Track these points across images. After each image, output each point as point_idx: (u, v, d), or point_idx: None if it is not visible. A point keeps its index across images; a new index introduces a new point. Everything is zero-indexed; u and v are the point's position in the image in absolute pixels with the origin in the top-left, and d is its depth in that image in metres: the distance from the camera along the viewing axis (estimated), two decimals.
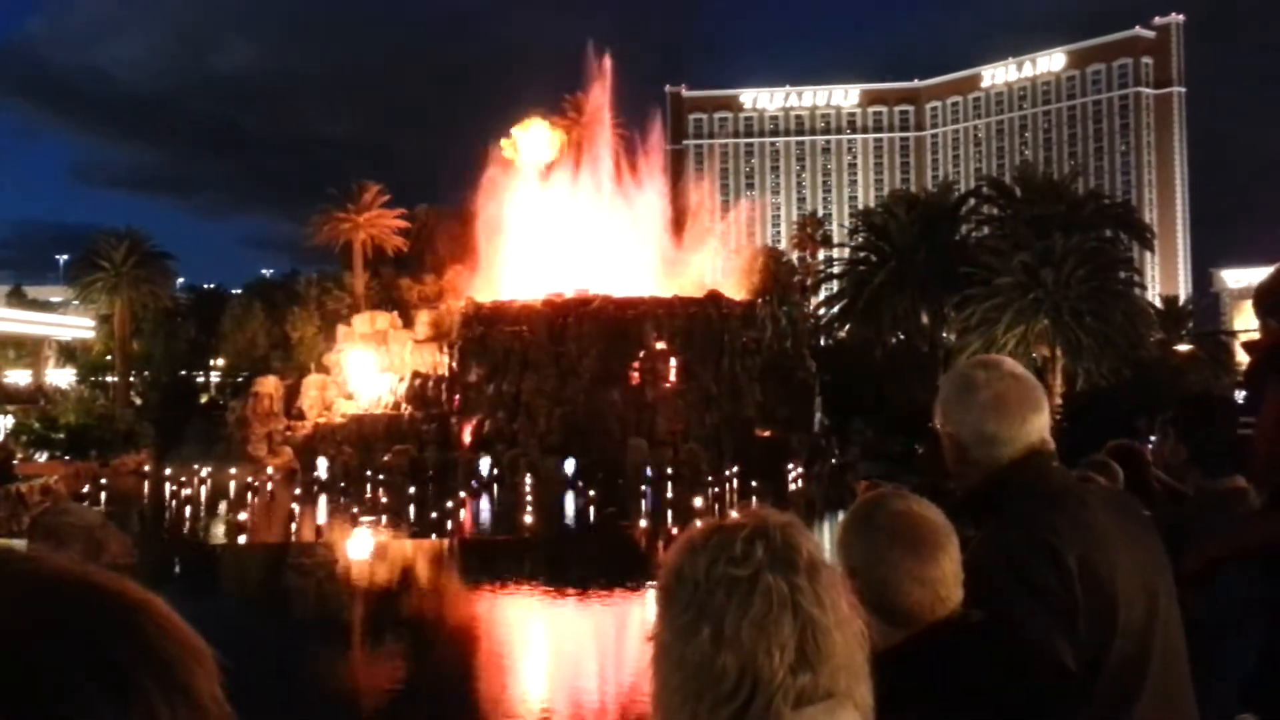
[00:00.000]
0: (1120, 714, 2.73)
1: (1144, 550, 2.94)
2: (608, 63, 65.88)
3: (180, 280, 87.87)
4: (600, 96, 65.34)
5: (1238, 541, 3.60)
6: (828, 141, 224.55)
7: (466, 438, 47.35)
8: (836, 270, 75.89)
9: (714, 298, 54.50)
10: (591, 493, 37.35)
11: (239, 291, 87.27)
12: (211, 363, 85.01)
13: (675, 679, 1.61)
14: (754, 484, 38.53)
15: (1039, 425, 2.92)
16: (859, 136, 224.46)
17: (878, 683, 1.66)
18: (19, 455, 50.96)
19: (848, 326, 69.49)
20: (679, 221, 62.63)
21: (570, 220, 57.66)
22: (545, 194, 59.25)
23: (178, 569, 22.87)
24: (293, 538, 31.20)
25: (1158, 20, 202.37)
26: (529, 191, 59.35)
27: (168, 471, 44.89)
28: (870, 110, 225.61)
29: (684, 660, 1.60)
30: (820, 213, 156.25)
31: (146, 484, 40.68)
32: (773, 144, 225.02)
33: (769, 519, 1.68)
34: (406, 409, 52.39)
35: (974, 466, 2.92)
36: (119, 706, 0.73)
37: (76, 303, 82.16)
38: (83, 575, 0.81)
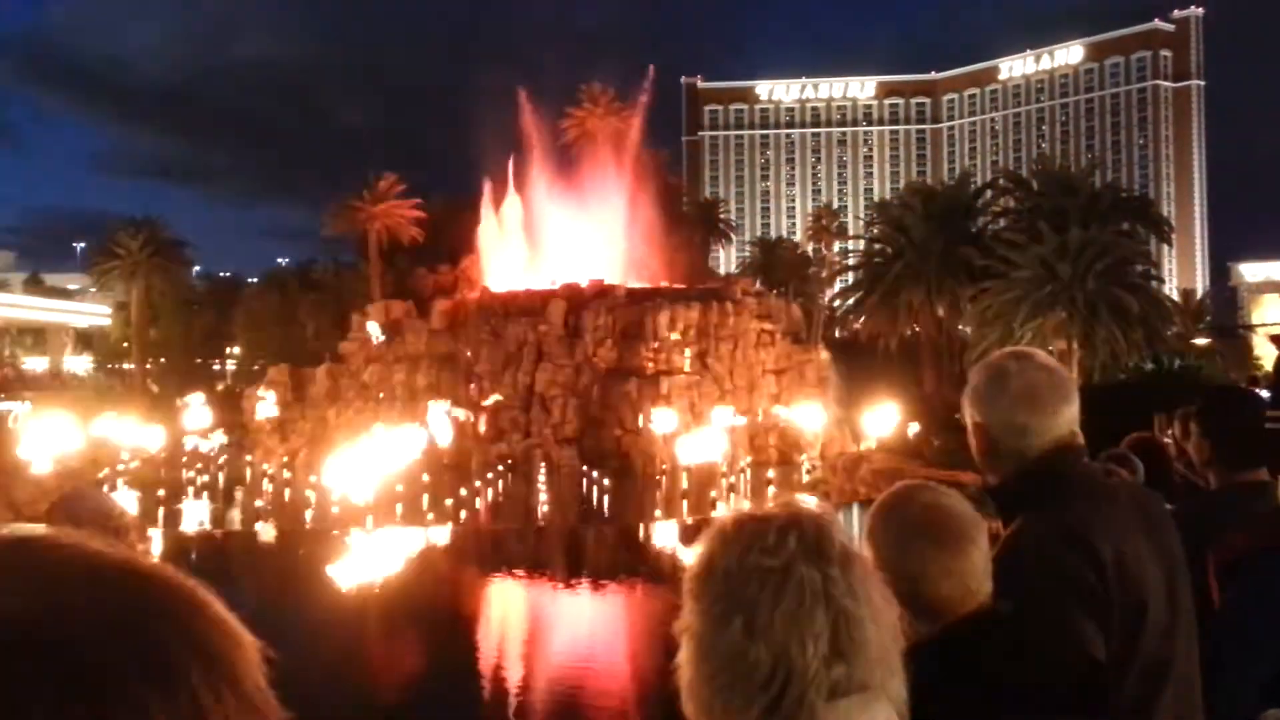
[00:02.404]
0: (1146, 708, 2.72)
1: (1165, 546, 2.92)
2: (623, 55, 65.77)
3: (197, 269, 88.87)
4: (615, 87, 65.34)
5: (1266, 535, 3.58)
6: (844, 133, 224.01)
7: (481, 428, 47.37)
8: (852, 262, 75.70)
9: (729, 288, 54.39)
10: (606, 482, 37.36)
11: (255, 280, 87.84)
12: (227, 350, 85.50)
13: (707, 670, 1.59)
14: (768, 475, 38.45)
15: (1069, 417, 2.89)
16: (875, 128, 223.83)
17: (908, 676, 1.65)
18: None
19: (863, 318, 69.36)
20: (694, 212, 62.51)
21: (584, 210, 57.60)
22: (560, 183, 59.19)
23: (194, 556, 22.97)
24: (308, 524, 31.31)
25: (1177, 13, 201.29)
26: (543, 181, 59.30)
27: (184, 458, 45.08)
28: (887, 102, 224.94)
29: (716, 651, 1.59)
30: (836, 205, 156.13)
31: (163, 470, 40.78)
32: (788, 136, 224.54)
33: (802, 510, 1.67)
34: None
35: (1002, 458, 2.89)
36: (164, 695, 0.72)
37: (94, 290, 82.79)
38: (128, 561, 0.79)
